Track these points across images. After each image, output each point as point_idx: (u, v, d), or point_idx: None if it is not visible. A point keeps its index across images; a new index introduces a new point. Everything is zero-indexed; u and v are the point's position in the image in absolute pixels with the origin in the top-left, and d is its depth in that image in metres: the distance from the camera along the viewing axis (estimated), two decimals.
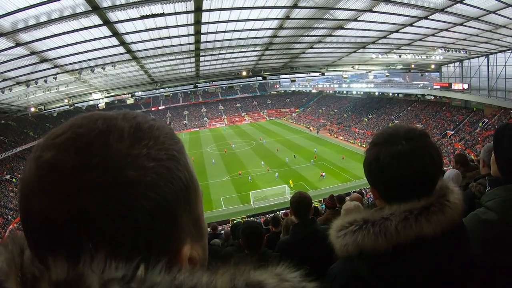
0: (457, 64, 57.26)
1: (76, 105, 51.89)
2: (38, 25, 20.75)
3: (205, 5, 23.04)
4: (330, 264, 1.72)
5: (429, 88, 67.90)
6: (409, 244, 1.38)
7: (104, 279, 0.54)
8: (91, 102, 56.56)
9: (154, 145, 0.67)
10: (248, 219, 32.51)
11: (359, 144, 69.05)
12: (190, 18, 25.13)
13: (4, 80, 29.99)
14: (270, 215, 34.95)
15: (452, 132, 57.07)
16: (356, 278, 1.46)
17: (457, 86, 56.99)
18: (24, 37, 22.26)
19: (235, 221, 36.40)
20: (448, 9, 26.39)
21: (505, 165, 1.96)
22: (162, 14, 23.28)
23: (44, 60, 27.59)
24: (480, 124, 53.61)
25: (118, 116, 0.71)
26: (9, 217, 42.67)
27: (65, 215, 0.59)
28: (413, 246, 1.38)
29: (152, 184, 0.64)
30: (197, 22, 26.00)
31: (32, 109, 45.88)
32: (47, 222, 0.60)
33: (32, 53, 25.26)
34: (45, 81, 32.10)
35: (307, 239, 4.09)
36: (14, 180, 52.14)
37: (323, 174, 51.64)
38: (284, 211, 35.14)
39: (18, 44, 22.88)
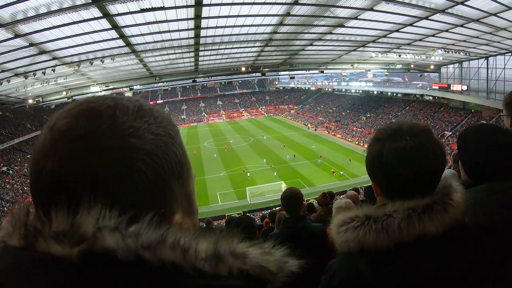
0: (456, 65, 57.41)
1: (74, 97, 51.79)
2: (38, 16, 20.69)
3: (205, 0, 23.01)
4: (316, 260, 1.69)
5: (428, 89, 68.03)
6: (412, 243, 1.36)
7: (97, 227, 0.64)
8: (90, 95, 56.34)
9: (154, 123, 0.78)
10: (244, 214, 32.59)
11: (357, 142, 69.19)
12: (190, 12, 25.10)
13: (2, 71, 29.89)
14: (267, 211, 35.10)
15: (450, 133, 57.06)
16: (356, 275, 1.43)
17: (456, 87, 57.14)
18: (23, 28, 22.20)
19: (231, 215, 36.53)
20: (449, 10, 26.43)
21: (470, 168, 1.99)
22: (162, 8, 23.26)
23: (42, 52, 27.53)
24: None
25: (124, 98, 0.82)
26: (5, 208, 42.61)
27: (75, 173, 0.68)
28: (415, 245, 1.35)
29: (150, 152, 0.73)
30: (197, 17, 25.97)
31: (30, 101, 45.93)
32: (57, 179, 0.69)
33: (31, 44, 25.18)
34: (44, 73, 32.08)
35: (295, 234, 4.05)
36: (11, 172, 52.06)
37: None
38: (279, 208, 35.31)
39: (17, 36, 22.81)
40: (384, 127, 1.58)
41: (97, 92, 49.12)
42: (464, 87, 55.58)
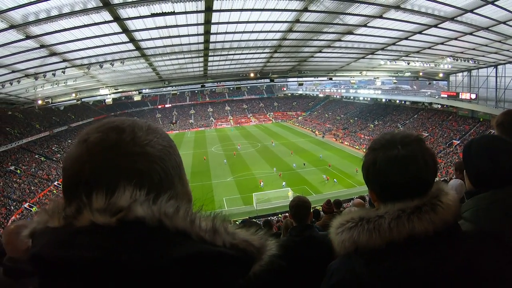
0: (465, 73, 57.16)
1: (83, 99, 52.16)
2: (49, 18, 20.89)
3: (215, 6, 23.14)
4: (323, 269, 1.76)
5: (437, 97, 67.77)
6: (402, 242, 1.44)
7: (132, 200, 0.85)
8: (98, 97, 56.89)
9: (160, 137, 1.02)
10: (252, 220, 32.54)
11: (364, 150, 67.85)
12: (200, 17, 25.23)
13: (13, 72, 30.16)
14: (273, 217, 35.03)
15: (458, 142, 56.61)
16: (353, 273, 1.50)
17: (465, 95, 56.95)
18: (35, 30, 22.40)
19: (236, 222, 36.44)
20: (458, 18, 26.37)
21: (475, 176, 2.04)
22: (173, 13, 23.36)
23: (53, 54, 27.73)
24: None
25: (136, 119, 1.06)
26: (12, 207, 42.89)
27: (109, 171, 0.90)
28: (406, 244, 1.43)
29: (161, 158, 0.98)
30: (207, 22, 26.10)
31: (40, 102, 46.26)
32: (95, 176, 0.90)
33: (42, 46, 25.39)
34: (54, 74, 32.29)
35: (301, 243, 4.06)
36: (18, 171, 52.46)
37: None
38: (286, 213, 35.25)
39: (28, 37, 23.01)
40: (379, 137, 1.69)
41: (106, 94, 49.43)
42: (473, 96, 55.41)
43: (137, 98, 56.53)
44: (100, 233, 0.82)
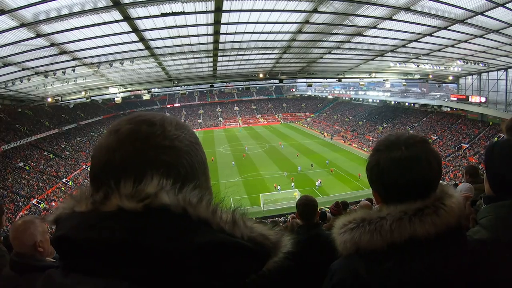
0: (475, 76, 56.85)
1: (92, 98, 52.43)
2: (59, 17, 21.04)
3: (225, 6, 23.19)
4: (327, 268, 1.75)
5: (446, 100, 67.36)
6: (403, 243, 1.44)
7: (159, 188, 0.89)
8: (108, 96, 57.03)
9: (187, 133, 1.06)
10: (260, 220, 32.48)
11: None
12: (210, 18, 25.32)
13: (23, 69, 30.41)
14: (281, 218, 34.94)
15: (467, 146, 56.28)
16: (354, 274, 1.50)
17: (474, 99, 56.53)
18: (45, 28, 22.58)
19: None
20: (468, 21, 26.29)
21: (495, 182, 1.97)
22: (182, 13, 23.44)
23: (63, 52, 27.94)
24: (496, 138, 52.47)
25: (165, 114, 1.10)
26: (20, 203, 43.20)
27: (138, 160, 0.94)
28: (407, 246, 1.43)
29: (188, 153, 1.02)
30: (217, 22, 26.16)
31: (49, 100, 46.45)
32: (124, 165, 0.94)
33: (52, 44, 25.58)
34: (64, 72, 32.56)
35: (308, 241, 4.07)
36: (27, 168, 52.86)
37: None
38: (292, 215, 35.15)
39: (38, 35, 23.21)
40: (384, 138, 1.69)
41: (115, 93, 49.64)
42: (483, 99, 55.02)
43: (146, 97, 56.94)
44: (127, 217, 0.87)
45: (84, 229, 0.88)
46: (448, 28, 28.40)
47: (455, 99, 62.06)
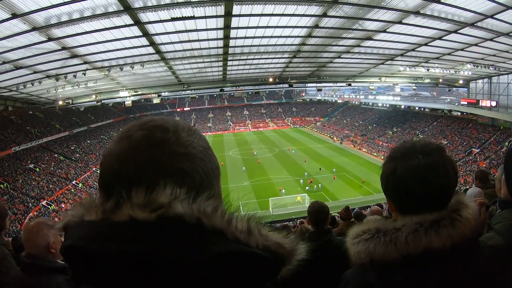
0: (485, 80, 56.29)
1: (103, 101, 52.72)
2: (71, 21, 21.24)
3: (235, 10, 23.24)
4: (340, 274, 1.76)
5: (456, 104, 66.83)
6: (418, 256, 1.41)
7: (172, 198, 0.87)
8: (118, 99, 57.42)
9: (200, 139, 1.05)
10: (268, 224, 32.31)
11: (382, 157, 66.34)
12: (220, 22, 25.41)
13: (35, 72, 30.71)
14: (290, 223, 34.83)
15: (478, 150, 55.61)
16: (367, 284, 1.49)
17: (485, 103, 56.02)
18: (56, 32, 22.77)
19: None
20: (478, 24, 26.10)
21: None
22: (193, 17, 23.54)
23: (74, 56, 28.15)
24: (507, 143, 51.79)
25: (177, 120, 1.08)
26: (30, 204, 43.45)
27: (152, 168, 0.92)
28: (422, 258, 1.41)
29: (202, 159, 1.00)
30: (227, 27, 26.25)
31: (60, 102, 46.96)
32: (138, 173, 0.92)
33: (63, 48, 25.81)
34: (74, 76, 32.71)
35: (319, 248, 4.06)
36: (37, 169, 53.13)
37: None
38: (300, 220, 35.02)
39: (50, 39, 23.41)
40: (399, 146, 1.66)
41: (126, 97, 49.85)
42: (493, 103, 54.48)
43: (156, 100, 56.89)
44: (139, 228, 0.84)
45: (95, 239, 0.86)
46: (458, 31, 28.22)
47: (466, 103, 61.57)
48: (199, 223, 0.88)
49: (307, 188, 50.25)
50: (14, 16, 19.16)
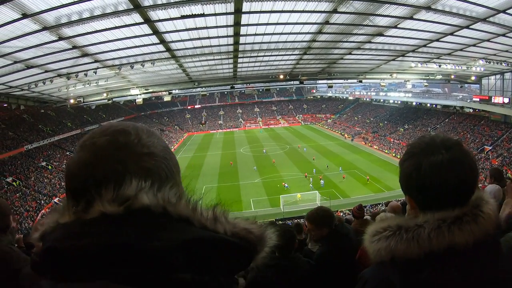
0: (498, 76, 55.99)
1: (114, 99, 53.00)
2: (81, 20, 21.38)
3: (245, 7, 23.21)
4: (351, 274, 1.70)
5: (468, 101, 66.56)
6: (441, 253, 1.38)
7: (138, 189, 0.93)
8: (129, 97, 57.67)
9: (159, 140, 1.11)
10: (279, 222, 32.37)
11: (393, 154, 67.61)
12: (230, 19, 25.38)
13: (46, 71, 30.98)
14: (301, 220, 34.84)
15: (490, 148, 55.30)
16: (387, 282, 1.45)
17: (497, 99, 55.58)
18: (67, 31, 22.92)
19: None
20: (491, 19, 25.91)
21: None
22: (202, 15, 23.56)
23: (85, 55, 28.34)
24: None
25: (136, 123, 1.14)
26: (42, 202, 43.94)
27: (120, 170, 0.97)
28: (445, 255, 1.38)
29: (164, 157, 1.07)
30: (237, 24, 26.22)
31: (72, 101, 47.45)
32: (107, 175, 0.95)
33: (74, 47, 25.99)
34: (85, 74, 33.01)
35: (342, 248, 4.13)
36: (49, 167, 53.80)
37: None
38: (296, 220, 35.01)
39: (60, 38, 23.58)
40: (417, 141, 1.60)
41: (137, 94, 50.10)
42: (506, 100, 53.98)
43: (167, 98, 57.22)
44: (109, 221, 0.89)
45: (69, 238, 0.90)
46: (470, 27, 28.02)
47: (478, 99, 61.15)
48: (165, 212, 0.94)
49: (310, 185, 50.33)
50: (25, 16, 19.31)
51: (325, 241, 4.40)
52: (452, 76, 56.93)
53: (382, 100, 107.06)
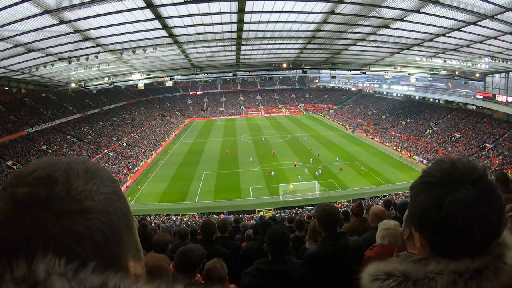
0: (503, 74, 55.56)
1: (115, 84, 52.86)
2: (82, 4, 21.15)
3: None
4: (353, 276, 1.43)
5: (472, 97, 65.99)
6: None
7: (48, 273, 0.68)
8: (131, 82, 57.58)
9: (101, 183, 0.86)
10: (275, 214, 32.30)
11: (394, 147, 67.81)
12: (234, 6, 25.13)
13: (47, 55, 30.73)
14: (299, 210, 34.76)
15: (491, 146, 55.10)
16: None
17: (501, 98, 55.19)
18: (68, 15, 22.70)
19: (261, 212, 36.21)
20: (498, 17, 25.63)
21: None
22: (206, 0, 23.30)
23: (86, 39, 28.11)
24: None
25: (71, 160, 0.89)
26: None
27: (37, 234, 0.74)
28: None
29: (103, 211, 0.82)
30: (241, 11, 25.98)
31: (73, 85, 47.22)
32: (21, 243, 0.74)
33: (75, 31, 25.75)
34: (87, 58, 32.79)
35: (336, 252, 3.96)
36: (50, 151, 53.64)
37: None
38: (311, 207, 34.92)
39: (62, 22, 23.34)
40: (436, 168, 1.26)
41: (138, 79, 49.95)
42: (510, 98, 53.57)
43: (169, 84, 56.96)
44: None
45: None
46: (477, 23, 27.69)
47: (481, 97, 60.79)
48: None
49: (298, 177, 50.12)
50: None
51: (321, 242, 4.22)
52: (457, 72, 56.65)
53: (385, 93, 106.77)
